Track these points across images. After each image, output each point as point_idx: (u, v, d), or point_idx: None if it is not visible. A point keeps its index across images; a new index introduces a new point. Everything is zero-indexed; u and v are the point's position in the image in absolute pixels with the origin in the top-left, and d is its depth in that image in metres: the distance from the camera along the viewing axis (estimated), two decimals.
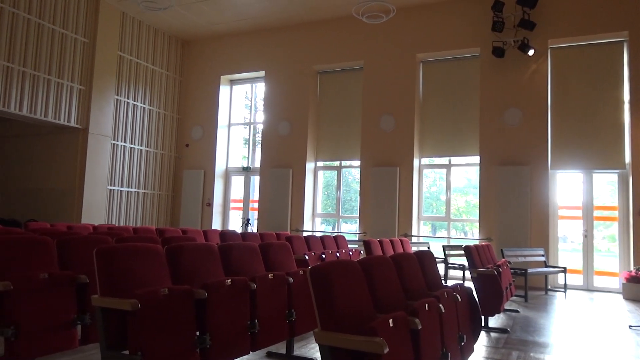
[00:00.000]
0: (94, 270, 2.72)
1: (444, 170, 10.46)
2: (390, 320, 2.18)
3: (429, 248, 9.39)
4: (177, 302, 2.70)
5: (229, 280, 3.06)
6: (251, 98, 13.01)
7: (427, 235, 10.48)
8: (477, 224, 9.73)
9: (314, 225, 11.44)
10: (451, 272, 9.05)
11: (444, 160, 10.46)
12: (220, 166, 12.48)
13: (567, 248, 9.56)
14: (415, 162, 10.34)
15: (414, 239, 10.07)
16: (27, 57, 9.27)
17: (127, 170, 11.38)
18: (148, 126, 11.97)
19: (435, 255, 3.94)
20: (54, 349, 3.08)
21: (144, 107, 11.85)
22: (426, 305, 2.53)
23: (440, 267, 8.39)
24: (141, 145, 11.77)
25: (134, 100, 11.59)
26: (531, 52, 9.22)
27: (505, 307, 6.41)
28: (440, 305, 2.71)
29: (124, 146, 11.33)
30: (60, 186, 10.52)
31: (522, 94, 9.43)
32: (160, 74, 12.34)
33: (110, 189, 10.94)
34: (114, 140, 11.03)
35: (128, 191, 11.41)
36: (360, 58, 10.94)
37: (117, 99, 11.10)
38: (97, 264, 2.68)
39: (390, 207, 10.23)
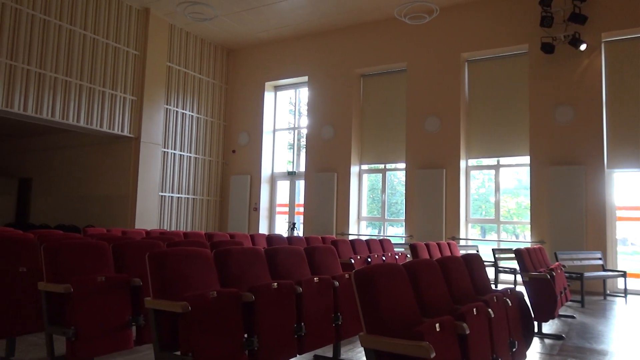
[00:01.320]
0: (147, 274, 2.84)
1: (492, 172, 10.18)
2: (437, 325, 2.15)
3: (477, 251, 9.16)
4: (225, 305, 2.76)
5: (275, 284, 3.11)
6: (295, 103, 13.15)
7: (475, 238, 10.22)
8: (529, 226, 9.41)
9: (359, 228, 11.41)
10: (502, 277, 8.79)
11: (492, 161, 10.19)
12: (266, 171, 12.67)
13: (627, 251, 9.08)
14: (462, 163, 10.13)
15: (462, 242, 9.85)
16: (84, 70, 9.76)
17: (177, 177, 11.75)
18: (196, 134, 12.33)
19: (484, 259, 3.84)
20: (110, 349, 3.22)
21: (192, 115, 12.22)
22: (474, 309, 2.47)
23: (491, 271, 8.17)
24: (190, 153, 12.13)
25: (183, 109, 11.96)
26: (583, 47, 8.85)
27: (560, 313, 6.16)
28: (489, 309, 2.65)
29: (174, 153, 11.71)
30: (115, 193, 10.99)
31: (574, 91, 9.06)
32: (207, 82, 12.69)
33: (162, 195, 11.33)
34: (164, 148, 11.43)
35: (178, 197, 11.78)
36: (404, 60, 10.85)
37: (166, 108, 11.50)
38: (149, 267, 2.79)
39: (436, 210, 10.06)
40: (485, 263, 7.87)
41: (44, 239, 4.36)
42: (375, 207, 11.63)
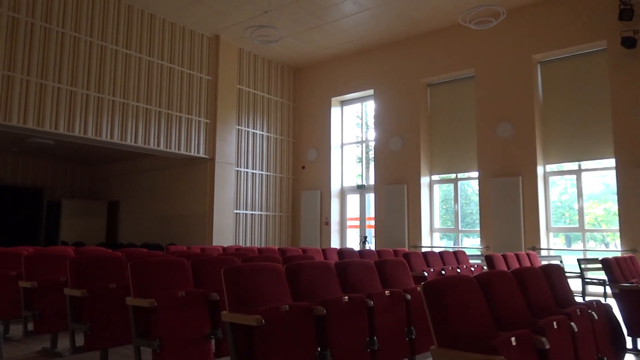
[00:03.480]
0: (223, 288, 2.97)
1: (574, 177, 9.60)
2: (513, 339, 2.07)
3: (561, 262, 8.64)
4: (297, 318, 2.82)
5: (346, 297, 3.13)
6: (362, 117, 13.20)
7: (559, 248, 9.65)
8: (618, 234, 8.75)
9: (432, 240, 11.16)
10: (590, 288, 8.22)
11: (573, 166, 9.62)
12: (335, 185, 12.78)
13: None
14: (539, 169, 9.65)
15: (544, 253, 9.33)
16: (162, 97, 10.42)
17: (250, 194, 12.15)
18: (267, 152, 12.71)
19: (570, 270, 3.63)
20: None
21: (262, 134, 12.62)
22: (554, 323, 2.35)
23: (577, 283, 7.67)
24: (262, 170, 12.51)
25: (253, 129, 12.39)
26: None
27: None
28: (572, 323, 2.50)
29: (247, 172, 12.13)
30: (194, 212, 11.55)
31: None
32: (276, 101, 13.07)
33: (237, 213, 11.74)
34: (237, 167, 11.87)
35: (252, 214, 12.15)
36: (471, 66, 10.58)
37: (238, 129, 11.97)
38: (224, 282, 2.92)
39: (514, 220, 9.63)
40: (571, 274, 7.40)
41: (131, 257, 4.68)
42: (449, 218, 11.33)
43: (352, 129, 13.28)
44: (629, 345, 4.44)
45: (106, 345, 3.87)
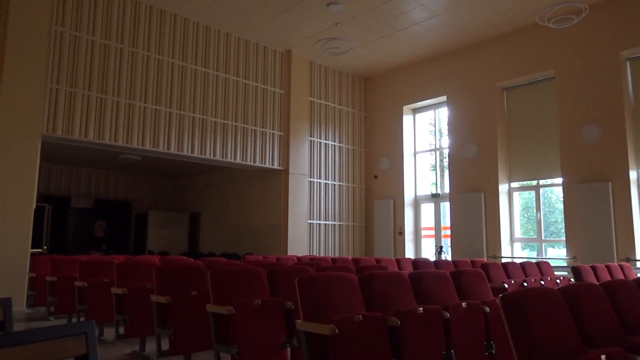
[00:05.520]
0: (297, 297, 3.02)
1: None
2: (604, 357, 1.93)
3: None
4: (371, 329, 2.81)
5: (421, 309, 3.07)
6: (435, 124, 12.94)
7: None
8: None
9: (513, 251, 10.65)
10: None
11: None
12: (409, 194, 12.59)
13: None
14: (632, 174, 8.93)
15: None
16: (238, 112, 10.84)
17: (323, 205, 12.28)
18: (339, 162, 12.80)
19: None
20: None
21: (334, 145, 12.74)
22: None
23: None
24: (334, 180, 12.62)
25: (325, 140, 12.54)
26: None
27: None
28: None
29: (319, 182, 12.28)
30: (269, 222, 11.86)
31: None
32: (347, 112, 13.16)
33: (310, 223, 11.91)
34: (310, 177, 12.05)
35: (325, 224, 12.27)
36: (550, 67, 10.05)
37: (310, 140, 12.17)
38: (298, 291, 2.97)
39: (604, 228, 8.96)
40: None
41: (211, 265, 4.89)
42: (531, 227, 10.76)
43: (425, 136, 13.05)
44: None
45: (189, 350, 4.06)
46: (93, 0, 8.95)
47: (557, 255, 10.24)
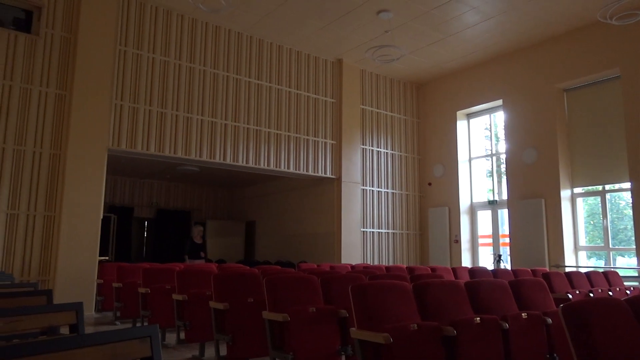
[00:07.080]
0: (351, 306, 3.04)
1: None
2: None
3: None
4: (426, 338, 2.78)
5: (478, 319, 3.00)
6: (490, 129, 12.59)
7: None
8: None
9: (578, 259, 10.14)
10: None
11: None
12: (464, 202, 12.29)
13: None
14: None
15: None
16: (290, 122, 11.03)
17: (376, 213, 12.21)
18: (392, 170, 12.71)
19: None
20: None
21: (387, 152, 12.67)
22: None
23: None
24: (387, 188, 12.53)
25: (378, 147, 12.50)
26: None
27: None
28: None
29: (372, 190, 12.23)
30: (323, 230, 11.93)
31: None
32: (399, 119, 13.07)
33: (363, 231, 11.87)
34: (363, 185, 12.03)
35: (379, 232, 12.19)
36: (614, 66, 9.54)
37: (362, 148, 12.16)
38: (352, 299, 2.98)
39: None
40: None
41: (266, 273, 4.99)
42: (597, 234, 10.21)
43: (481, 142, 12.71)
44: None
45: (246, 355, 4.16)
46: (154, 19, 9.42)
47: (627, 264, 9.66)
